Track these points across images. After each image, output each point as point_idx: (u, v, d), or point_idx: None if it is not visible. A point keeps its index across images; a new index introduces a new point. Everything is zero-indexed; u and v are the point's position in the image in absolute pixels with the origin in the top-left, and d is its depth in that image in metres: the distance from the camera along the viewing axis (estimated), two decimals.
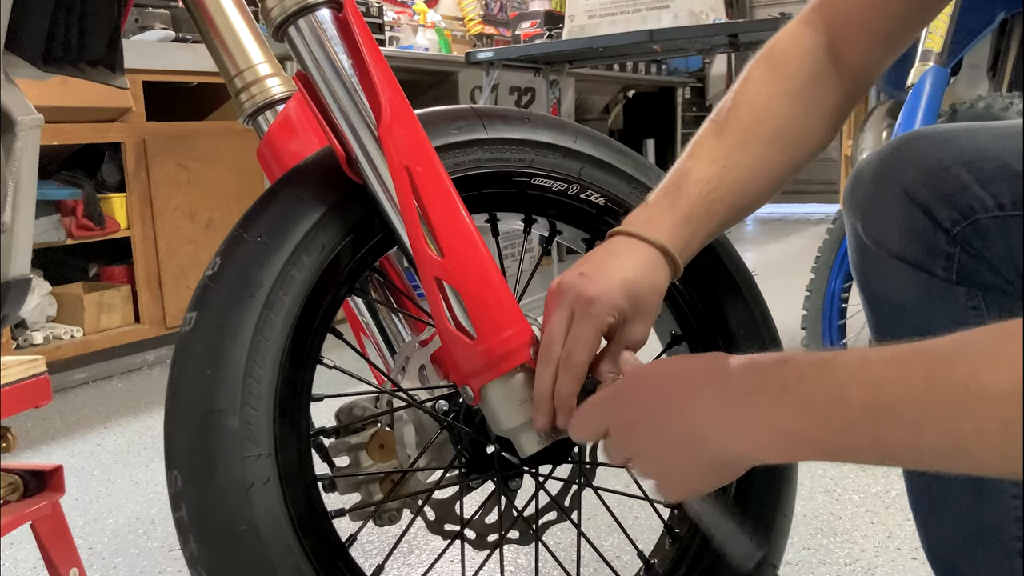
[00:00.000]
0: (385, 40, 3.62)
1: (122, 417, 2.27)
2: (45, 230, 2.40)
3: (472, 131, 0.84)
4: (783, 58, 0.78)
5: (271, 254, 0.73)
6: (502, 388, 0.72)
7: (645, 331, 0.72)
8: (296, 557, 0.68)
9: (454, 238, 0.71)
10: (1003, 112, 1.78)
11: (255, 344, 0.70)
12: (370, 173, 0.74)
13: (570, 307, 0.69)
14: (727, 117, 0.76)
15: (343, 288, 0.78)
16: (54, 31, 0.83)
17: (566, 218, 0.90)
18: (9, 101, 0.78)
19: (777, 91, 0.76)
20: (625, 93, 5.57)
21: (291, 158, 0.95)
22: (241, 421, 0.68)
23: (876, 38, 0.78)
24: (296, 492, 0.70)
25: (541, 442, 0.73)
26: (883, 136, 2.21)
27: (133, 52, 2.44)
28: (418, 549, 1.43)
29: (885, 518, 1.49)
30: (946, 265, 0.75)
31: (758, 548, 0.67)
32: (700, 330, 0.90)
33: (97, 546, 1.52)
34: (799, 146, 0.77)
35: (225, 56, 0.97)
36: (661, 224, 0.72)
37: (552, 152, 0.87)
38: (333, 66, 0.74)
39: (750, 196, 0.76)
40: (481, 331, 0.71)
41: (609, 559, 1.33)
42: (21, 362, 1.11)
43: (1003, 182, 0.72)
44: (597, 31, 3.12)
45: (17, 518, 1.07)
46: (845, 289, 1.96)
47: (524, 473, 0.83)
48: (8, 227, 0.81)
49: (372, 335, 1.01)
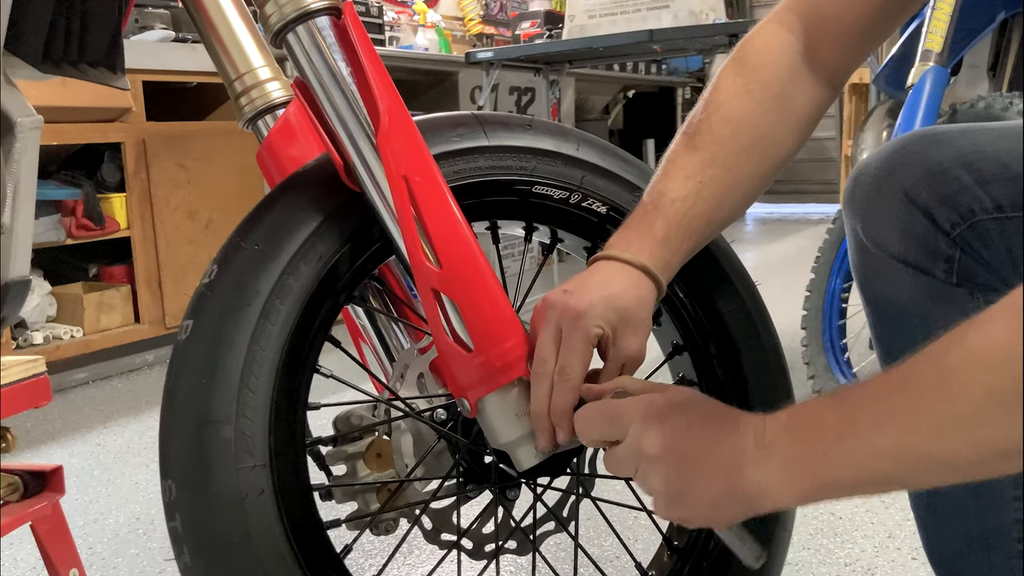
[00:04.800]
0: (385, 40, 3.61)
1: (122, 417, 2.26)
2: (45, 230, 2.40)
3: (473, 138, 0.83)
4: (758, 64, 0.77)
5: (268, 263, 0.72)
6: (499, 401, 0.71)
7: (639, 346, 0.71)
8: (290, 568, 0.68)
9: (452, 249, 0.71)
10: (1003, 112, 1.78)
11: (251, 354, 0.69)
12: (368, 182, 0.73)
13: (557, 323, 0.69)
14: (699, 130, 0.76)
15: (341, 296, 0.78)
16: (54, 32, 0.83)
17: (567, 226, 0.89)
18: (9, 102, 0.78)
19: (752, 100, 0.76)
20: (625, 93, 5.56)
21: (291, 163, 0.95)
22: (236, 432, 0.67)
23: (852, 38, 0.77)
24: (291, 502, 0.70)
25: (538, 456, 0.73)
26: (883, 136, 2.20)
27: (133, 52, 2.44)
28: (416, 557, 1.43)
29: (885, 518, 1.48)
30: (946, 267, 0.74)
31: (763, 549, 0.67)
32: (701, 340, 0.89)
33: (97, 546, 1.52)
34: (774, 153, 0.77)
35: (225, 59, 0.96)
36: (640, 246, 0.72)
37: (554, 160, 0.86)
38: (332, 74, 0.73)
39: (728, 208, 0.76)
40: (479, 343, 0.70)
41: (606, 570, 1.33)
42: (21, 362, 1.11)
43: (1003, 183, 0.71)
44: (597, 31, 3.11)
45: (17, 518, 1.07)
46: (845, 289, 1.96)
47: (522, 484, 0.83)
48: (8, 228, 0.81)
49: (371, 343, 1.00)
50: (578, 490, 0.87)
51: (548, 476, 0.83)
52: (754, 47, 0.78)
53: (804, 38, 0.77)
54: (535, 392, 0.69)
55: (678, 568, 0.88)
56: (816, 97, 0.78)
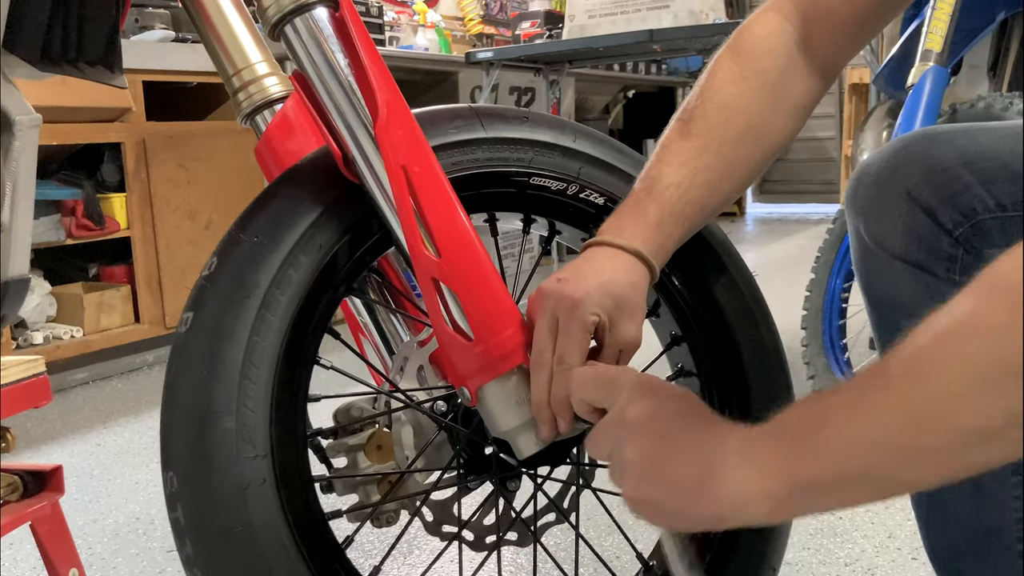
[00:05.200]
0: (385, 40, 3.62)
1: (122, 417, 2.27)
2: (45, 230, 2.40)
3: (471, 130, 0.83)
4: (756, 52, 0.77)
5: (268, 254, 0.72)
6: (499, 389, 0.71)
7: (635, 331, 0.71)
8: (292, 559, 0.68)
9: (451, 238, 0.71)
10: (1003, 112, 1.78)
11: (251, 345, 0.69)
12: (367, 173, 0.74)
13: (553, 312, 0.69)
14: (694, 116, 0.76)
15: (341, 288, 0.78)
16: (52, 30, 0.83)
17: (565, 218, 0.89)
18: (7, 101, 0.78)
19: (748, 88, 0.76)
20: (625, 93, 5.57)
21: (289, 157, 0.95)
22: (237, 422, 0.67)
23: (848, 30, 0.77)
24: (293, 493, 0.70)
25: (539, 444, 0.73)
26: (883, 136, 2.20)
27: (133, 52, 2.44)
28: (418, 549, 1.43)
29: (885, 518, 1.48)
30: (948, 266, 0.74)
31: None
32: (700, 331, 0.89)
33: (97, 546, 1.52)
34: (768, 141, 0.77)
35: (223, 55, 0.97)
36: (633, 231, 0.72)
37: (551, 151, 0.86)
38: (330, 65, 0.73)
39: (721, 195, 0.76)
40: (478, 332, 0.70)
41: (608, 560, 1.33)
42: (21, 362, 1.11)
43: (1004, 182, 0.71)
44: (597, 31, 3.12)
45: (17, 518, 1.07)
46: (845, 289, 1.96)
47: (522, 474, 0.83)
48: (7, 227, 0.81)
49: (370, 335, 1.00)
50: (579, 481, 0.87)
51: (548, 466, 0.83)
52: (751, 35, 0.78)
53: (801, 28, 0.77)
54: (535, 382, 0.70)
55: None
56: (811, 87, 0.78)
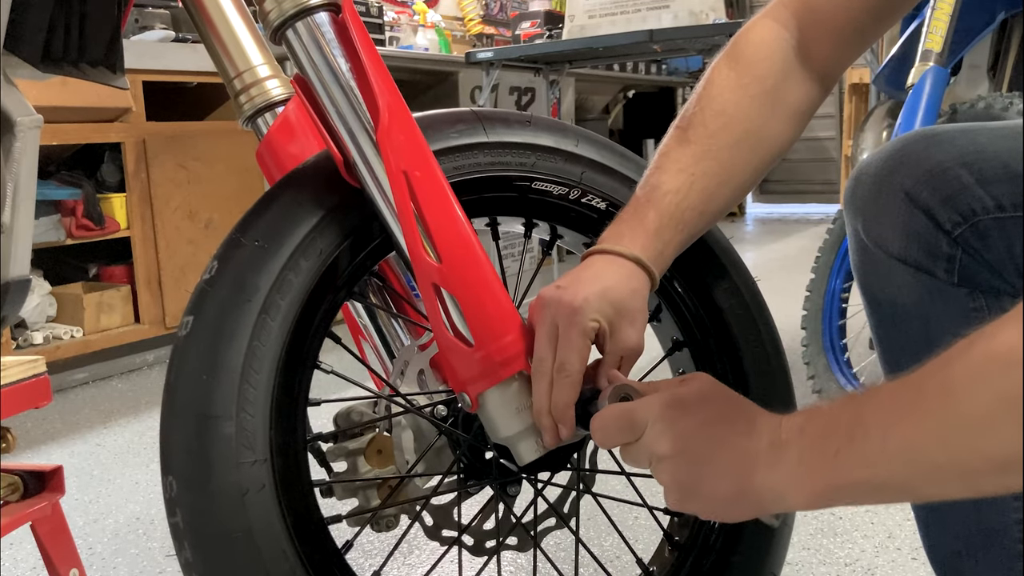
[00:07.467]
0: (385, 40, 3.62)
1: (122, 417, 2.26)
2: (45, 230, 2.40)
3: (473, 134, 0.83)
4: (753, 59, 0.77)
5: (268, 258, 0.72)
6: (500, 395, 0.71)
7: (637, 337, 0.71)
8: (291, 563, 0.68)
9: (452, 243, 0.71)
10: (1003, 112, 1.77)
11: (252, 349, 0.69)
12: (368, 177, 0.73)
13: (553, 319, 0.69)
14: (692, 123, 0.76)
15: (341, 292, 0.78)
16: (53, 31, 0.83)
17: (567, 222, 0.89)
18: (8, 102, 0.78)
19: (746, 94, 0.76)
20: (625, 93, 5.56)
21: (290, 160, 0.94)
22: (237, 427, 0.67)
23: (845, 36, 0.78)
24: (292, 498, 0.70)
25: (539, 450, 0.73)
26: (883, 136, 2.20)
27: (133, 52, 2.44)
28: (418, 549, 1.43)
29: (885, 518, 1.48)
30: (947, 267, 0.74)
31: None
32: (702, 335, 0.89)
33: (97, 546, 1.52)
34: (767, 147, 0.77)
35: (224, 58, 0.96)
36: (632, 238, 0.72)
37: (553, 156, 0.86)
38: (331, 70, 0.73)
39: (720, 202, 0.76)
40: (479, 338, 0.70)
41: (608, 561, 1.33)
42: (21, 362, 1.11)
43: (1003, 183, 0.71)
44: (597, 31, 3.11)
45: (17, 518, 1.07)
46: (845, 289, 1.96)
47: (523, 479, 0.83)
48: (8, 228, 0.81)
49: (371, 339, 1.00)
50: (579, 486, 0.87)
51: (549, 471, 0.83)
52: (748, 42, 0.78)
53: (798, 34, 0.77)
54: (536, 390, 0.70)
55: (679, 564, 0.88)
56: (808, 93, 0.78)
